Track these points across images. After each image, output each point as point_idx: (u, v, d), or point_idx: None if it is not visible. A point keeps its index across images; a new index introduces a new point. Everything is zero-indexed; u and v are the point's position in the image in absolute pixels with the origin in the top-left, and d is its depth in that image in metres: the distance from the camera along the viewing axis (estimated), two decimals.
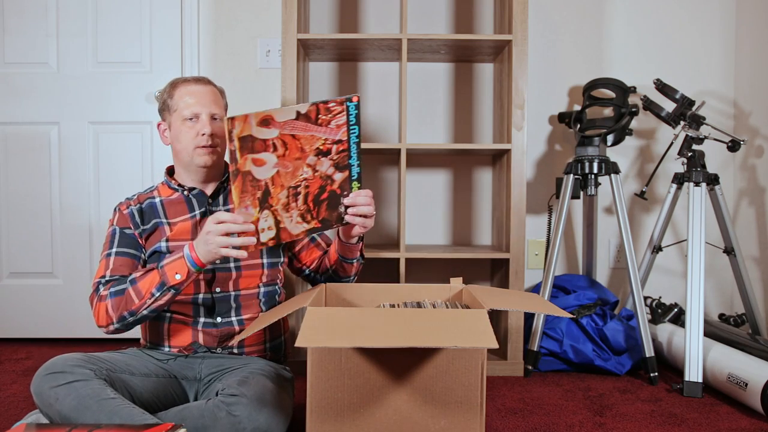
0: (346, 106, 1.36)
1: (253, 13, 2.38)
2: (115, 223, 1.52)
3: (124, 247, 1.49)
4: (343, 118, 1.36)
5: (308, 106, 1.33)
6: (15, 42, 2.37)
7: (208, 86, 1.54)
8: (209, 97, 1.52)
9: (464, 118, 2.42)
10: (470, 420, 1.21)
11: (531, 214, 2.42)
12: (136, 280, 1.39)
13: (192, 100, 1.50)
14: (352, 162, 1.40)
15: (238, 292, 1.51)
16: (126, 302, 1.38)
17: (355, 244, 1.54)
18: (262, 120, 1.30)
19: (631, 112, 2.13)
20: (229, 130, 1.27)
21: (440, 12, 2.39)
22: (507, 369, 2.03)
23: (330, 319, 1.16)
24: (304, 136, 1.34)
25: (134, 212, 1.52)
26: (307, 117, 1.33)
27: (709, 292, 2.45)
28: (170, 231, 1.50)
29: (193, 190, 1.54)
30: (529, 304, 1.35)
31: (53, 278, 2.41)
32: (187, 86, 1.52)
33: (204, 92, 1.52)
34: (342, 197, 1.41)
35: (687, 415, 1.65)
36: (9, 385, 1.87)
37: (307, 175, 1.37)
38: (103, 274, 1.46)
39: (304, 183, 1.37)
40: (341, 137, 1.37)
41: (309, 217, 1.40)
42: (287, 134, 1.33)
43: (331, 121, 1.35)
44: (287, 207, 1.36)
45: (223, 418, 1.24)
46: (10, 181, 2.40)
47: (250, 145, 1.30)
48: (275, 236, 1.37)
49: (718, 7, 2.41)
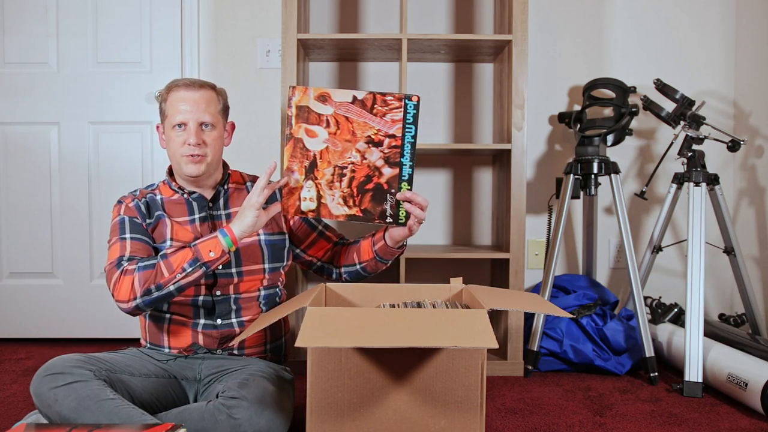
0: (404, 104, 1.40)
1: (253, 13, 2.38)
2: (122, 213, 1.49)
3: (137, 233, 1.47)
4: (400, 114, 1.40)
5: (365, 94, 1.39)
6: (15, 42, 2.37)
7: (199, 91, 1.48)
8: (199, 104, 1.46)
9: (464, 118, 2.42)
10: (470, 420, 1.21)
11: (531, 214, 2.42)
12: (167, 255, 1.38)
13: (182, 107, 1.46)
14: (404, 161, 1.42)
15: (238, 295, 1.51)
16: (156, 275, 1.35)
17: (398, 248, 1.53)
18: (320, 96, 1.38)
19: (631, 112, 2.13)
20: (290, 97, 1.38)
21: (440, 12, 2.39)
22: (507, 369, 2.03)
23: (330, 319, 1.16)
24: (357, 120, 1.40)
25: (140, 205, 1.51)
26: (363, 104, 1.39)
27: (709, 292, 2.45)
28: (172, 227, 1.50)
29: (193, 194, 1.54)
30: (529, 304, 1.35)
31: (53, 278, 2.41)
32: (177, 92, 1.48)
33: (194, 99, 1.46)
34: (389, 194, 1.43)
35: (687, 415, 1.65)
36: (9, 385, 1.87)
37: (355, 159, 1.41)
38: (121, 254, 1.42)
39: (351, 166, 1.41)
40: (395, 132, 1.41)
41: (351, 203, 1.42)
42: (341, 115, 1.39)
43: (386, 113, 1.40)
44: (331, 185, 1.41)
45: (223, 421, 1.24)
46: (10, 181, 2.40)
47: (306, 115, 1.39)
48: (315, 209, 1.42)
49: (718, 7, 2.41)
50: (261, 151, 2.38)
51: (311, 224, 1.64)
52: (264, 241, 1.55)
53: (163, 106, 1.51)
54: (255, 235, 1.53)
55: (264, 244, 1.54)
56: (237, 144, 2.37)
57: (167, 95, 1.50)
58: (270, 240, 1.56)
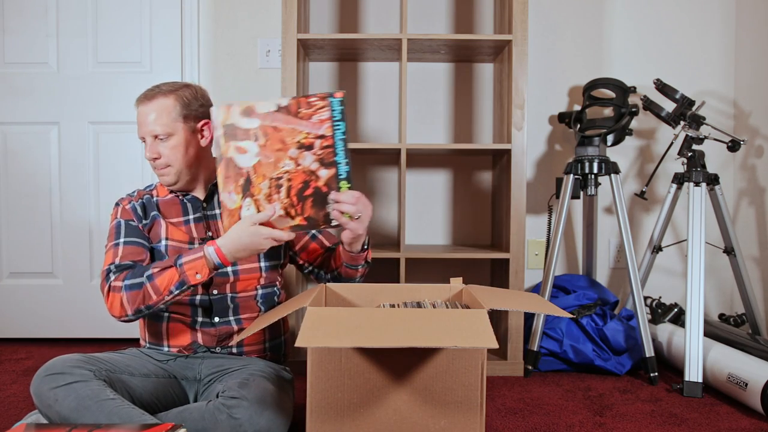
0: (329, 102, 1.36)
1: (253, 13, 2.38)
2: (119, 216, 1.51)
3: (132, 237, 1.48)
4: (326, 113, 1.36)
5: (289, 100, 1.36)
6: (15, 42, 2.37)
7: (151, 103, 1.45)
8: (149, 117, 1.44)
9: (464, 118, 2.42)
10: (470, 420, 1.21)
11: (531, 214, 2.42)
12: (153, 276, 1.37)
13: (139, 121, 1.47)
14: (339, 159, 1.38)
15: (235, 294, 1.51)
16: (144, 297, 1.36)
17: (358, 253, 1.50)
18: (244, 110, 1.36)
19: (631, 112, 2.13)
20: (215, 118, 1.36)
21: (440, 12, 2.39)
22: (507, 369, 2.03)
23: (330, 319, 1.16)
24: (285, 128, 1.37)
25: (136, 207, 1.52)
26: (288, 110, 1.36)
27: (709, 292, 2.45)
28: (166, 228, 1.50)
29: (187, 195, 1.54)
30: (529, 304, 1.35)
31: (53, 278, 2.41)
32: (137, 107, 1.48)
33: (145, 113, 1.45)
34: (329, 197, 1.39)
35: (687, 415, 1.65)
36: (9, 385, 1.87)
37: (289, 167, 1.37)
38: (112, 261, 1.44)
39: (286, 176, 1.38)
40: (324, 132, 1.37)
41: (293, 212, 1.39)
42: (268, 125, 1.36)
43: (312, 115, 1.36)
44: (269, 198, 1.38)
45: (223, 421, 1.24)
46: (10, 181, 2.40)
47: (233, 132, 1.36)
48: None
49: (718, 7, 2.41)
50: None
51: None
52: None
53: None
54: None
55: None
56: None
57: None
58: None
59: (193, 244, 1.50)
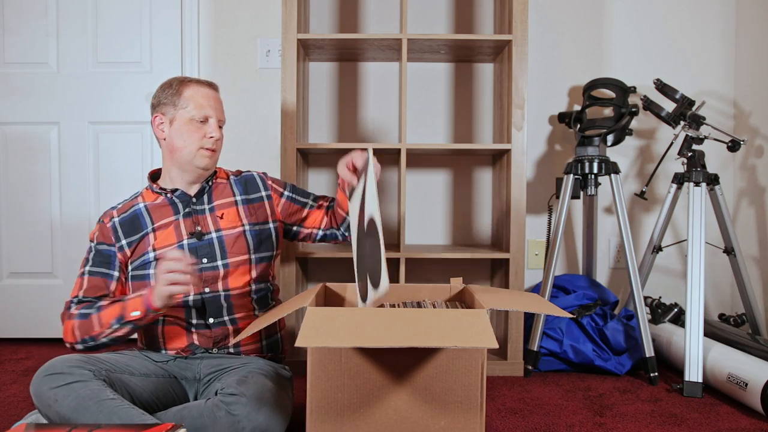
0: None
1: (253, 13, 2.38)
2: (94, 239, 1.53)
3: (97, 266, 1.50)
4: None
5: None
6: (15, 42, 2.37)
7: (217, 93, 1.58)
8: (219, 104, 1.56)
9: (464, 118, 2.42)
10: (470, 420, 1.21)
11: (531, 214, 2.42)
12: (102, 307, 1.41)
13: (204, 102, 1.51)
14: None
15: (228, 291, 1.51)
16: (88, 327, 1.40)
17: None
18: None
19: (631, 112, 2.13)
20: None
21: (440, 12, 2.39)
22: (507, 369, 2.03)
23: (330, 319, 1.16)
24: None
25: (116, 225, 1.53)
26: None
27: (709, 292, 2.45)
28: (155, 239, 1.50)
29: (176, 191, 1.54)
30: (529, 304, 1.35)
31: (53, 278, 2.41)
32: (200, 88, 1.53)
33: (216, 97, 1.55)
34: None
35: (687, 415, 1.65)
36: (9, 385, 1.87)
37: None
38: (76, 294, 1.48)
39: None
40: None
41: None
42: None
43: None
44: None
45: (222, 418, 1.24)
46: (10, 181, 2.40)
47: None
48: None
49: (718, 7, 2.41)
50: (261, 151, 2.38)
51: (300, 202, 1.68)
52: (249, 231, 1.55)
53: (176, 98, 1.51)
54: (240, 226, 1.55)
55: (249, 234, 1.55)
56: (237, 144, 2.38)
57: (183, 88, 1.51)
58: (255, 230, 1.57)
59: (182, 245, 1.50)
